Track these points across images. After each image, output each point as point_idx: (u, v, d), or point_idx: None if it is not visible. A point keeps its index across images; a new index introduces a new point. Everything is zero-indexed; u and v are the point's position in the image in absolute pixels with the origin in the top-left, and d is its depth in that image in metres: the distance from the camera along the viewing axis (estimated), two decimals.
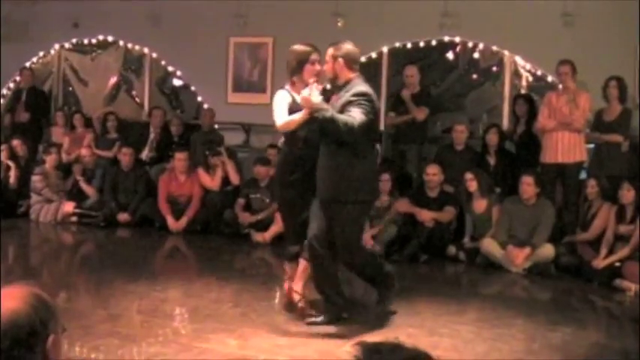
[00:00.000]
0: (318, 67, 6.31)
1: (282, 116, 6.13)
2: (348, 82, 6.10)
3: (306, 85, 6.06)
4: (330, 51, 6.18)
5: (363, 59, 11.36)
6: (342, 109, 5.89)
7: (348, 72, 6.15)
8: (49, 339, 2.11)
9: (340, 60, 6.11)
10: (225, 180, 10.86)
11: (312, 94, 5.77)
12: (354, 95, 5.94)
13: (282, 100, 6.21)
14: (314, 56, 6.33)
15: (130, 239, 10.65)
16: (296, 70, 6.33)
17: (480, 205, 9.36)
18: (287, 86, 6.34)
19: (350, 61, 6.16)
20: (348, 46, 6.20)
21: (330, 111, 5.78)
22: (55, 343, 2.13)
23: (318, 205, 6.14)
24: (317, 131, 6.02)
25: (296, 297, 6.43)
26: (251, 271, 8.63)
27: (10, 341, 2.03)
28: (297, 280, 6.44)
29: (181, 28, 12.06)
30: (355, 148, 5.95)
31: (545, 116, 9.50)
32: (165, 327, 6.02)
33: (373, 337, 5.62)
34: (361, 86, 6.05)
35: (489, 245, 8.93)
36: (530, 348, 5.92)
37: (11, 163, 11.61)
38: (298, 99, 6.05)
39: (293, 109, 6.12)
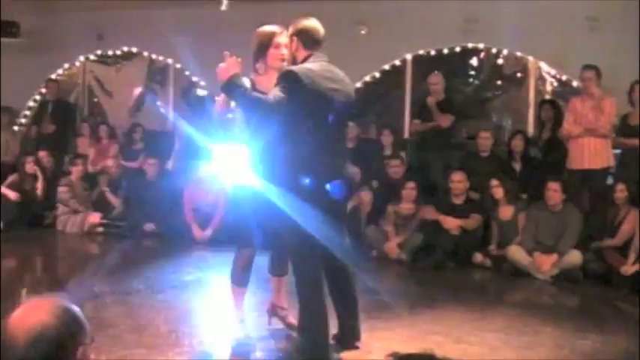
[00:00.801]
0: (284, 51, 5.45)
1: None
2: (302, 63, 5.37)
3: (272, 72, 5.39)
4: (290, 30, 5.47)
5: (387, 67, 11.53)
6: None
7: (304, 51, 5.43)
8: (78, 351, 2.12)
9: (295, 38, 5.44)
10: None
11: (232, 67, 5.12)
12: (279, 74, 5.23)
13: None
14: (279, 39, 5.44)
15: (156, 249, 10.66)
16: (258, 54, 5.48)
17: (505, 211, 9.31)
18: (251, 75, 5.50)
19: (307, 39, 5.43)
20: (305, 22, 5.49)
21: (241, 87, 5.08)
22: (84, 355, 2.14)
23: None
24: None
25: (282, 312, 6.08)
26: None
27: (40, 354, 2.04)
28: (282, 294, 6.08)
29: (205, 38, 12.10)
30: (297, 145, 5.23)
31: (570, 122, 9.44)
32: (192, 337, 6.01)
33: (400, 346, 5.61)
34: (297, 65, 5.30)
35: (516, 252, 8.87)
36: (558, 355, 5.86)
37: (38, 175, 11.69)
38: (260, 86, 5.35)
39: None
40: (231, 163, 5.78)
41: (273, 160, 5.29)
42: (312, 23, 5.52)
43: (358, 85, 11.65)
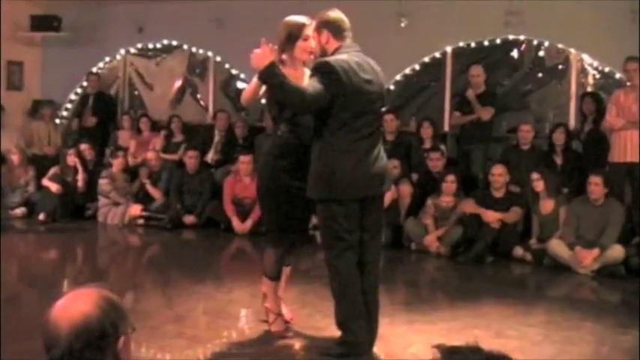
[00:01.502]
0: (312, 43, 5.42)
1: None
2: (333, 54, 5.26)
3: (298, 64, 5.45)
4: (313, 25, 5.40)
5: (427, 59, 11.48)
6: None
7: (335, 42, 5.30)
8: (120, 340, 2.14)
9: (325, 31, 5.32)
10: None
11: (255, 52, 5.03)
12: (314, 66, 5.19)
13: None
14: (308, 31, 5.42)
15: (196, 241, 10.73)
16: (286, 45, 5.43)
17: (546, 205, 9.23)
18: None
19: (336, 30, 5.32)
20: (332, 13, 5.39)
21: (279, 77, 4.92)
22: (125, 344, 2.16)
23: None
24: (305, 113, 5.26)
25: (270, 317, 5.90)
26: (316, 272, 8.59)
27: (82, 343, 2.06)
28: (269, 297, 5.89)
29: (245, 30, 12.09)
30: (320, 133, 5.16)
31: (613, 114, 9.33)
32: (230, 328, 6.04)
33: (440, 340, 5.59)
34: (331, 57, 5.20)
35: (557, 246, 8.80)
36: (599, 351, 5.81)
37: (79, 167, 11.80)
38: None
39: None
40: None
41: (313, 172, 5.22)
42: (339, 14, 5.43)
43: (398, 77, 11.64)
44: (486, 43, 11.12)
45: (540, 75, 11.21)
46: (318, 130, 5.18)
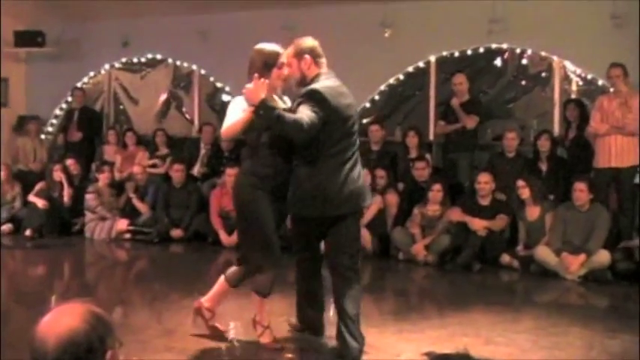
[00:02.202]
0: (285, 71, 5.59)
1: (226, 122, 5.56)
2: (313, 80, 5.47)
3: (272, 90, 5.52)
4: (291, 50, 5.58)
5: (410, 69, 11.52)
6: (296, 110, 5.32)
7: (315, 68, 5.53)
8: (107, 354, 2.14)
9: (307, 57, 5.51)
10: None
11: (249, 87, 5.24)
12: (304, 93, 5.37)
13: (236, 106, 5.55)
14: (282, 59, 5.60)
15: (184, 255, 10.72)
16: (262, 72, 5.43)
17: (532, 212, 9.27)
18: None
19: (316, 56, 5.54)
20: (310, 41, 5.60)
21: (276, 109, 5.17)
22: (113, 359, 2.16)
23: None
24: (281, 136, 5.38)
25: (259, 330, 5.86)
26: None
27: (70, 358, 2.06)
28: (260, 312, 5.88)
29: (229, 43, 12.13)
30: (309, 158, 5.37)
31: (597, 120, 9.39)
32: (220, 342, 6.03)
33: (429, 348, 5.61)
34: (318, 84, 5.40)
35: (543, 252, 8.83)
36: (588, 356, 5.82)
37: (65, 182, 11.77)
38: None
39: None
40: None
41: (294, 190, 5.47)
42: (315, 41, 5.64)
43: (382, 87, 11.67)
44: (470, 51, 11.17)
45: (524, 82, 11.27)
46: (305, 154, 5.38)
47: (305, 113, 5.18)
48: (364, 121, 11.68)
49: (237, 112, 5.49)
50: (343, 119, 5.38)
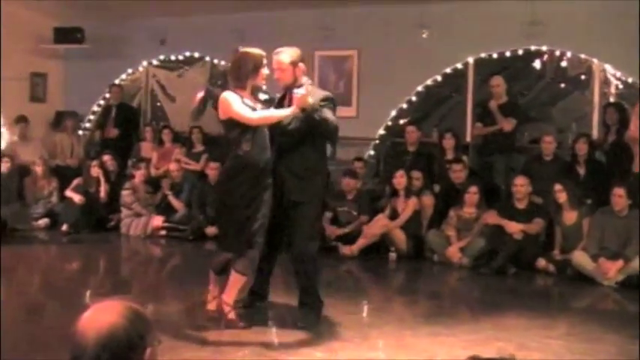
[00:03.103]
0: (267, 71, 6.38)
1: (251, 112, 6.17)
2: (300, 86, 6.26)
3: (257, 87, 6.42)
4: (286, 58, 6.34)
5: (448, 70, 11.46)
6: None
7: (303, 76, 6.41)
8: (146, 352, 2.15)
9: (301, 65, 6.37)
10: None
11: (305, 93, 6.01)
12: (325, 99, 6.25)
13: (237, 99, 6.20)
14: (265, 61, 6.38)
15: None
16: (252, 73, 6.28)
17: (569, 216, 9.19)
18: (237, 90, 6.29)
19: (303, 65, 6.43)
20: (297, 50, 6.42)
21: (323, 111, 6.07)
22: (152, 356, 2.16)
23: (282, 208, 6.35)
24: (296, 130, 6.25)
25: (226, 309, 6.29)
26: (338, 284, 8.61)
27: (109, 354, 2.06)
28: (230, 292, 6.32)
29: (266, 42, 12.10)
30: (322, 150, 6.52)
31: (636, 125, 9.27)
32: (253, 339, 6.03)
33: (463, 352, 5.57)
34: (322, 90, 6.48)
35: (580, 258, 8.75)
36: None
37: (101, 178, 11.85)
38: (247, 101, 6.22)
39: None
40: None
41: (311, 178, 6.39)
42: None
43: (420, 88, 11.62)
44: (508, 53, 11.09)
45: (563, 85, 11.18)
46: (318, 144, 6.43)
47: (330, 115, 6.15)
48: (401, 122, 11.68)
49: (242, 106, 6.16)
50: None
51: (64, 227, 11.37)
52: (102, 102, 14.10)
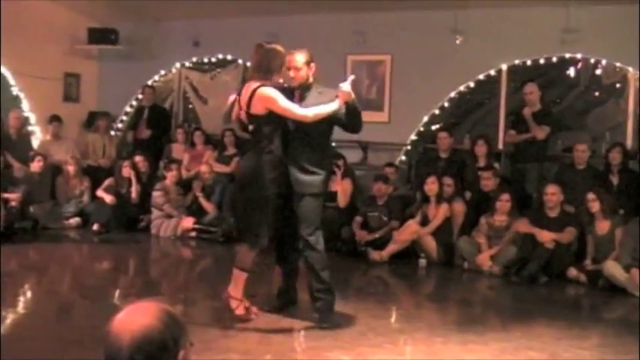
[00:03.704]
0: (292, 74, 6.61)
1: (303, 109, 6.36)
2: (311, 85, 6.62)
3: (278, 83, 6.57)
4: (302, 58, 6.55)
5: (481, 77, 11.41)
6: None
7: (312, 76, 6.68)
8: (180, 354, 2.14)
9: (313, 65, 6.61)
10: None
11: (349, 89, 6.34)
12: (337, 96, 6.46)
13: (282, 95, 6.37)
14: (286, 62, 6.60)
15: None
16: (279, 69, 6.53)
17: (602, 226, 9.10)
18: (268, 83, 6.43)
19: (314, 65, 6.66)
20: (309, 52, 6.67)
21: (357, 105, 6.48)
22: (185, 358, 2.16)
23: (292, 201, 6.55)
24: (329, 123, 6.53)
25: (234, 303, 6.53)
26: (368, 289, 8.59)
27: (143, 356, 2.06)
28: (236, 286, 6.58)
29: (299, 46, 12.12)
30: (328, 145, 7.00)
31: None
32: (282, 344, 6.03)
33: None
34: (332, 89, 6.52)
35: (612, 268, 8.65)
36: None
37: (133, 179, 11.91)
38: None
39: None
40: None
41: (317, 171, 6.53)
42: None
43: (452, 94, 11.58)
44: (542, 61, 11.03)
45: (597, 93, 11.09)
46: (321, 143, 6.62)
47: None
48: (433, 128, 11.64)
49: (290, 102, 6.36)
50: None
51: (95, 227, 11.43)
52: (134, 103, 14.18)
